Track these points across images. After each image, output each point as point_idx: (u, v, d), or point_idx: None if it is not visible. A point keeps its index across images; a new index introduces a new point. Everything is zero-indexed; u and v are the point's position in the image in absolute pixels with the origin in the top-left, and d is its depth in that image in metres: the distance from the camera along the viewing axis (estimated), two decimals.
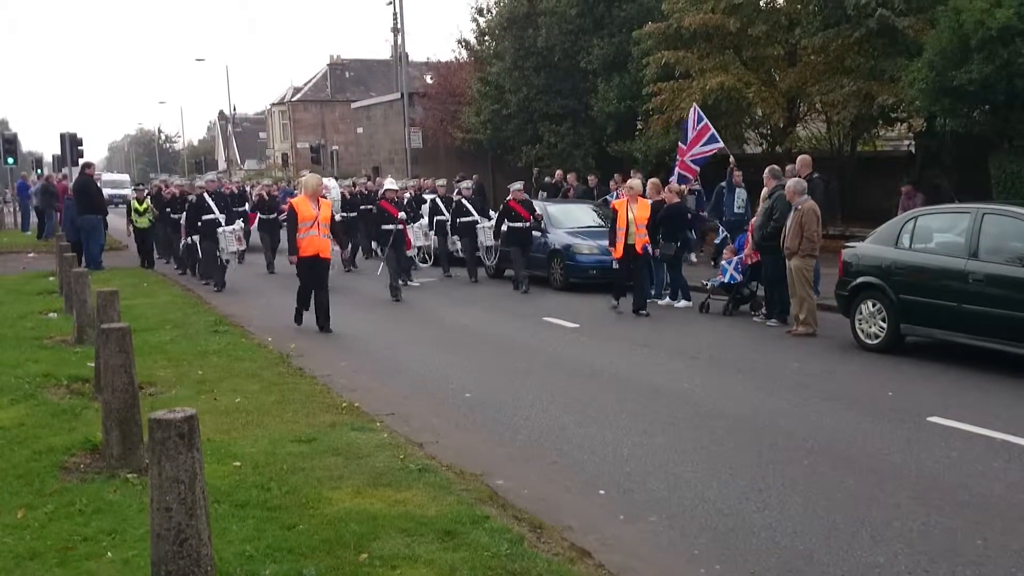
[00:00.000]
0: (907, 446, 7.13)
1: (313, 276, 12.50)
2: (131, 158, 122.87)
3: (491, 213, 19.00)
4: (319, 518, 5.44)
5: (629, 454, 7.05)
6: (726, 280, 13.57)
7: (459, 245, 18.99)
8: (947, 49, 14.90)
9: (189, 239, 18.52)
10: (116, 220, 26.90)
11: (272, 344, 11.37)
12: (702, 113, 17.73)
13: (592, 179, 23.26)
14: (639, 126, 25.29)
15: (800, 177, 12.94)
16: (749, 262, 13.24)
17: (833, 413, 8.16)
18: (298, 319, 12.88)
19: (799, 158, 14.19)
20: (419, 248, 19.53)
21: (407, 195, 18.70)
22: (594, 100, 25.92)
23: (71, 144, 28.88)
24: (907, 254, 10.57)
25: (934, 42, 15.36)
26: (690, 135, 17.56)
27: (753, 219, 13.55)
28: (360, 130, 48.02)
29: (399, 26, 43.39)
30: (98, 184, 22.72)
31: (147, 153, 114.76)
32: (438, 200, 19.77)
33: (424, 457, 6.75)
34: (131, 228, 22.10)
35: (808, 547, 5.28)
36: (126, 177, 68.67)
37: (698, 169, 17.90)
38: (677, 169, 17.80)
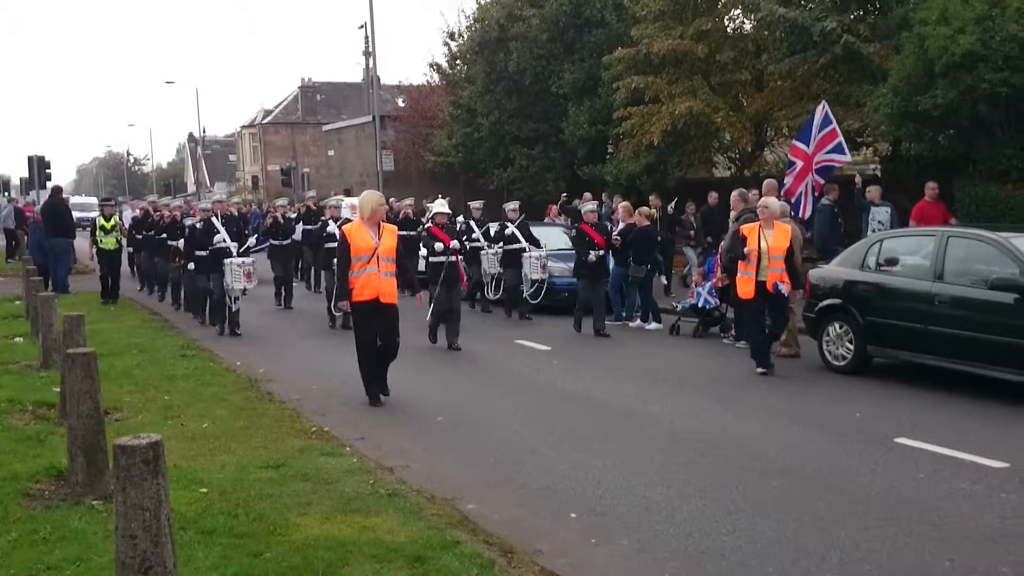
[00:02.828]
0: (875, 467, 7.18)
1: (375, 328, 9.48)
2: (100, 181, 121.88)
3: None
4: (287, 545, 5.38)
5: (600, 477, 7.04)
6: (700, 305, 13.64)
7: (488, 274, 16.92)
8: (912, 75, 15.15)
9: (188, 266, 15.43)
10: (83, 243, 26.59)
11: (241, 368, 11.28)
12: (831, 114, 14.86)
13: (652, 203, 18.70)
14: (610, 150, 25.48)
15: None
16: (720, 285, 13.32)
17: (802, 435, 8.20)
18: (372, 398, 9.58)
19: (765, 182, 14.31)
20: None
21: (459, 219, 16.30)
22: (565, 124, 26.11)
23: (39, 167, 28.62)
24: (873, 276, 10.68)
25: (899, 68, 15.62)
26: (814, 137, 14.69)
27: (722, 243, 13.63)
28: (331, 153, 47.99)
29: (371, 49, 43.51)
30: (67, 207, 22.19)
31: (116, 176, 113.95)
32: (473, 225, 17.25)
33: (394, 482, 6.71)
34: (94, 250, 19.52)
35: (778, 569, 5.30)
36: (94, 200, 67.98)
37: (822, 182, 14.91)
38: (806, 177, 14.77)
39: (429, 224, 14.09)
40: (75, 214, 24.46)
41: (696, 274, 14.68)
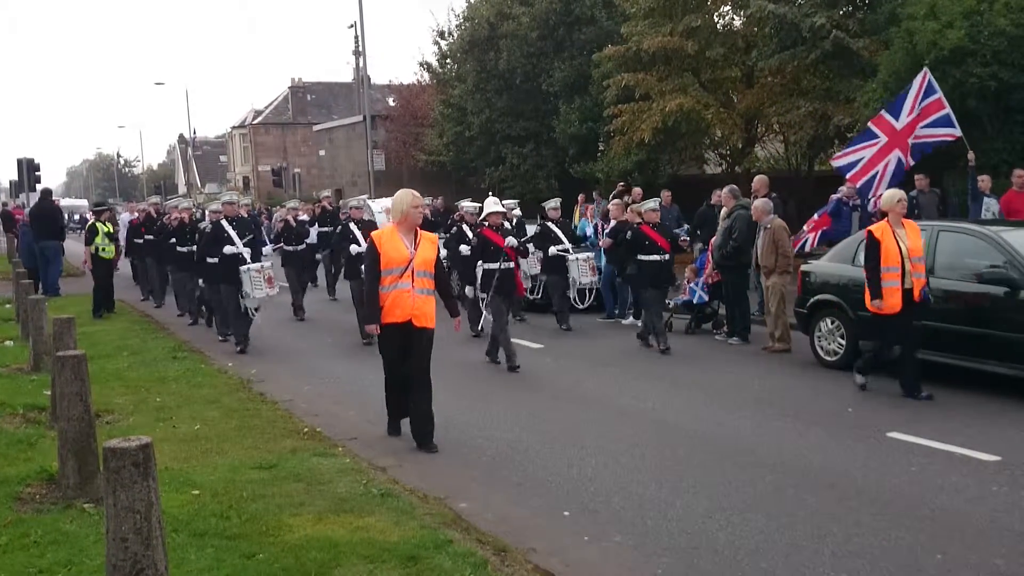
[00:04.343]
0: (867, 462, 7.19)
1: (405, 355, 7.88)
2: (90, 183, 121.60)
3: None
4: (279, 546, 5.37)
5: (593, 474, 7.04)
6: (694, 301, 13.65)
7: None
8: (901, 70, 15.18)
9: (200, 280, 14.36)
10: (73, 245, 26.49)
11: (232, 370, 11.25)
12: (935, 83, 13.07)
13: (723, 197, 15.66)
14: (601, 147, 25.50)
15: (758, 197, 13.11)
16: (711, 281, 13.35)
17: (794, 430, 8.21)
18: (393, 428, 8.25)
19: (756, 178, 14.35)
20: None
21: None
22: (556, 122, 26.13)
23: (28, 169, 28.47)
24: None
25: (888, 63, 15.66)
26: (908, 108, 13.00)
27: (712, 239, 13.64)
28: (322, 153, 47.93)
29: (361, 49, 43.47)
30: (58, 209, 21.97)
31: (106, 178, 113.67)
32: (507, 226, 14.83)
33: (387, 481, 6.70)
34: (91, 259, 17.11)
35: (770, 564, 5.30)
36: (84, 202, 67.83)
37: (911, 162, 13.29)
38: (889, 153, 13.20)
39: (482, 226, 12.33)
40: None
41: (688, 271, 14.68)
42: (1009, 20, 14.18)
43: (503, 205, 14.59)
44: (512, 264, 11.68)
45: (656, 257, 12.33)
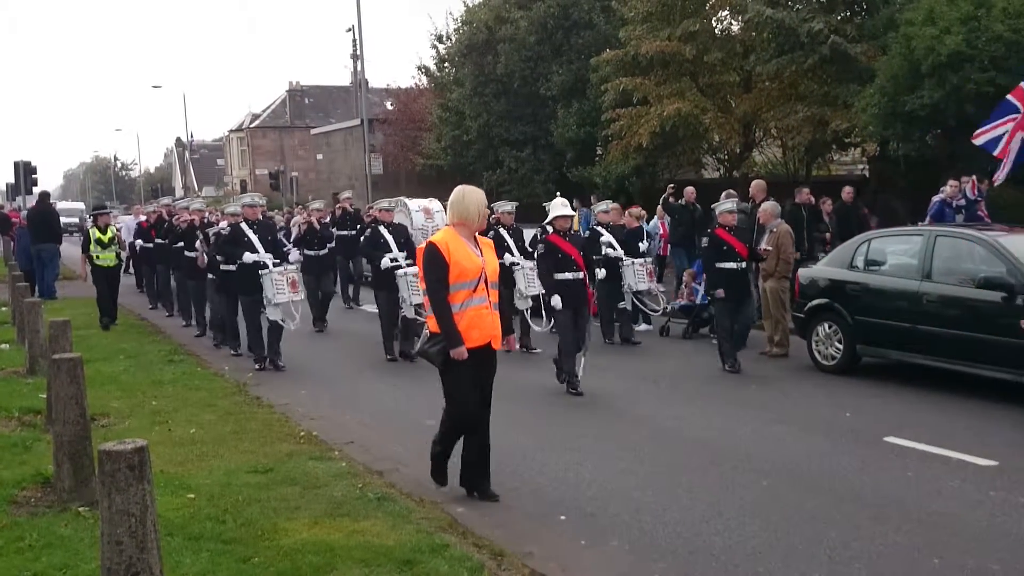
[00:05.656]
0: (864, 466, 7.19)
1: (479, 382, 6.67)
2: (87, 186, 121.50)
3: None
4: (275, 550, 5.35)
5: (590, 479, 7.03)
6: (697, 301, 13.63)
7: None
8: (898, 75, 15.22)
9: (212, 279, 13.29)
10: (69, 248, 26.45)
11: (228, 373, 11.23)
12: None
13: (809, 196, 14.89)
14: (599, 152, 25.51)
15: (756, 201, 13.11)
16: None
17: (791, 435, 8.21)
18: (438, 473, 6.81)
19: (753, 183, 14.34)
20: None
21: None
22: (554, 126, 26.13)
23: (25, 172, 28.41)
24: (861, 276, 10.71)
25: (886, 68, 15.69)
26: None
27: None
28: (320, 156, 47.94)
29: (359, 53, 43.50)
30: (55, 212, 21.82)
31: (103, 181, 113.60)
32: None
33: (383, 486, 6.68)
34: (88, 268, 15.84)
35: (767, 569, 5.29)
36: (81, 205, 67.75)
37: (1008, 169, 12.84)
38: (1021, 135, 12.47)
39: (547, 232, 10.67)
40: (62, 220, 23.83)
41: (686, 275, 14.66)
42: (1007, 26, 14.21)
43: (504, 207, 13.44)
44: (582, 274, 10.32)
45: (732, 265, 11.18)
